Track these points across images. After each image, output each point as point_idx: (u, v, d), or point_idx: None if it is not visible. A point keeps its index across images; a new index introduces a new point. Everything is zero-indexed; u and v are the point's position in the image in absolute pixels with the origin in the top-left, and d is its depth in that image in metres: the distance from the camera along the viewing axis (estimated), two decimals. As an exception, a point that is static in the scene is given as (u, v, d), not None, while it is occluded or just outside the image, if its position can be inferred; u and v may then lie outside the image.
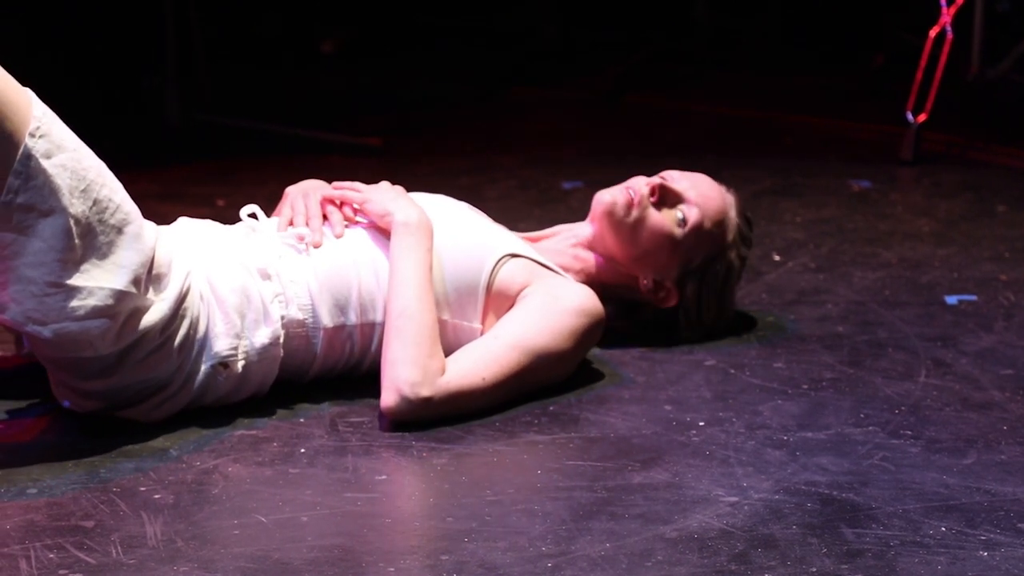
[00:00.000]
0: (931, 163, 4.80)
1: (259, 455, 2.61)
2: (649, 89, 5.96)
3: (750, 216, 3.19)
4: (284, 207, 2.96)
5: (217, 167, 4.66)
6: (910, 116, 4.82)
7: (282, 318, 2.78)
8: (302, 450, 2.64)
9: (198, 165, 4.69)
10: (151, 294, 2.62)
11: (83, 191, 2.53)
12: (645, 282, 3.08)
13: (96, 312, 2.54)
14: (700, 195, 3.07)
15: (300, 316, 2.80)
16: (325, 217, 2.92)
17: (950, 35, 4.85)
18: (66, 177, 2.51)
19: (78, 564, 2.23)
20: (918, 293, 3.52)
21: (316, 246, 2.86)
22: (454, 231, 2.92)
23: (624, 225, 3.03)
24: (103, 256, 2.56)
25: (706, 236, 3.07)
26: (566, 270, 3.04)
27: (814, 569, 2.24)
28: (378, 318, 2.85)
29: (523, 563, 2.25)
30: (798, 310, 3.39)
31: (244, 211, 2.94)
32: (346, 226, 2.92)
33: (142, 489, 2.47)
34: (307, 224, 2.89)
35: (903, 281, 3.61)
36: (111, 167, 2.62)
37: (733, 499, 2.44)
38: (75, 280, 2.53)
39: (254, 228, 2.90)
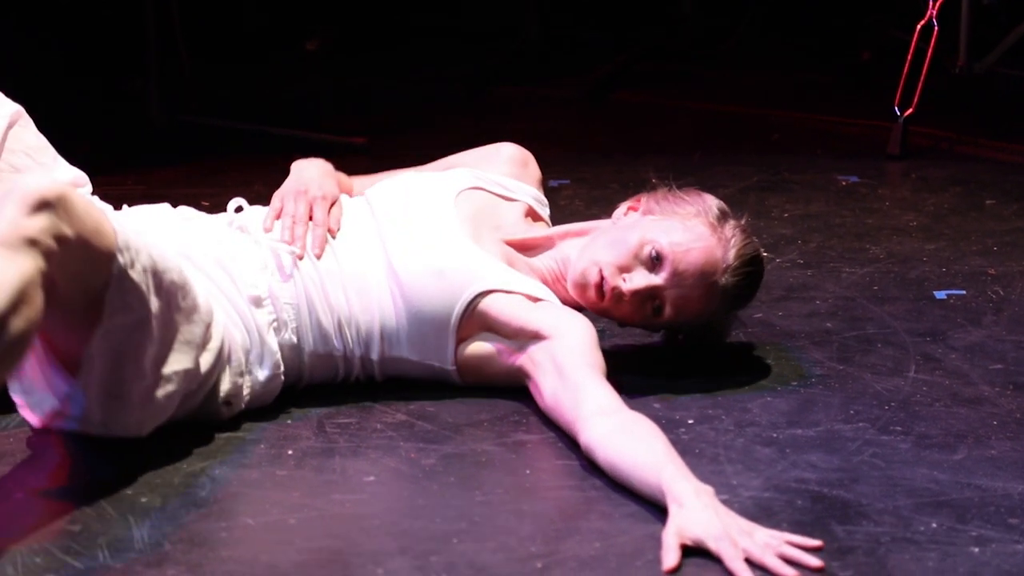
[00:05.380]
0: (918, 157, 4.79)
1: (246, 457, 2.60)
2: (635, 86, 5.95)
3: (746, 277, 2.90)
4: (275, 199, 2.92)
5: (202, 168, 4.65)
6: (897, 110, 4.82)
7: (280, 347, 2.77)
8: (290, 452, 2.62)
9: (183, 166, 4.68)
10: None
11: (158, 286, 2.48)
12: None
13: (174, 396, 2.56)
14: (680, 295, 2.84)
15: (294, 340, 2.78)
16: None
17: (936, 29, 4.85)
18: (148, 280, 2.46)
19: (65, 568, 2.21)
20: (907, 288, 3.52)
21: (299, 258, 2.83)
22: (420, 261, 2.82)
23: (596, 308, 2.90)
24: (181, 342, 2.55)
25: (683, 322, 2.93)
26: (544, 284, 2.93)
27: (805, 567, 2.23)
28: (358, 352, 2.83)
29: (512, 563, 2.24)
30: (786, 306, 3.38)
31: (231, 204, 2.91)
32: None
33: (128, 492, 2.46)
34: (291, 227, 2.86)
35: (891, 276, 3.60)
36: (96, 169, 2.60)
37: (723, 497, 2.42)
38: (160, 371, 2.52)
39: (242, 227, 2.85)
